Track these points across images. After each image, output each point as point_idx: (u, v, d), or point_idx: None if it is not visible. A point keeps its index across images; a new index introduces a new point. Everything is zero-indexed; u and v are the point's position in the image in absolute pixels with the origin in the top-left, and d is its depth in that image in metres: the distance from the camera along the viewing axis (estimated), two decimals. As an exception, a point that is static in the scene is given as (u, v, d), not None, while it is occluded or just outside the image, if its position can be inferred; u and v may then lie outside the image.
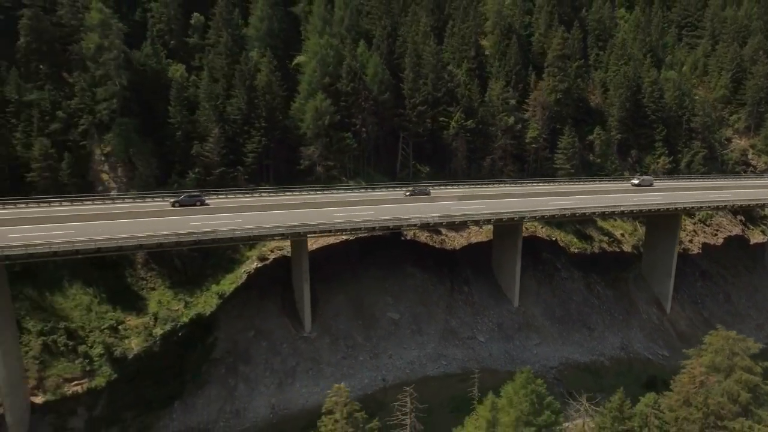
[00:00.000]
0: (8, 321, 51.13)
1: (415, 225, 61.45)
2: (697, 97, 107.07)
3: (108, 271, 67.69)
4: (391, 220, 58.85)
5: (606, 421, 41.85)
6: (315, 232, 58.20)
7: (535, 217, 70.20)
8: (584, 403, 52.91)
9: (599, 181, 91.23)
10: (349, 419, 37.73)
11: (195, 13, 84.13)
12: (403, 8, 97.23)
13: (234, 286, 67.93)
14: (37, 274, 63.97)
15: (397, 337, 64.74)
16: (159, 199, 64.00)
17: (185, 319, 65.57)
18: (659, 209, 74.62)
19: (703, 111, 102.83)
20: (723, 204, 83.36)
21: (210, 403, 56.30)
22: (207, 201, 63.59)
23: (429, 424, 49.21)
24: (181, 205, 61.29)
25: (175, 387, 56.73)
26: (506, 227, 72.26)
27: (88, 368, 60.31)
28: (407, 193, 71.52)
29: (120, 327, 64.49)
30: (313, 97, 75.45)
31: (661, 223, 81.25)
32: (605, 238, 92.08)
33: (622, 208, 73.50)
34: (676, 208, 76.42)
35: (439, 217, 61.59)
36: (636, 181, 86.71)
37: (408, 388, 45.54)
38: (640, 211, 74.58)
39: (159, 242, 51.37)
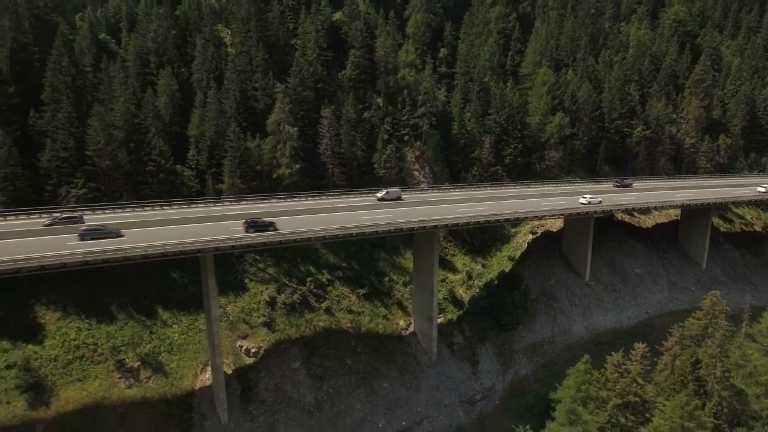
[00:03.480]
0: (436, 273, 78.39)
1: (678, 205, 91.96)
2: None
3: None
4: (653, 203, 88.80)
5: None
6: (602, 212, 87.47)
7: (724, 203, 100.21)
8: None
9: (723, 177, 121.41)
10: (713, 315, 66.52)
11: (443, 49, 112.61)
12: (574, 41, 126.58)
13: (519, 251, 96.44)
14: (383, 243, 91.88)
15: (643, 285, 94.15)
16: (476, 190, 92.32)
17: (490, 275, 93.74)
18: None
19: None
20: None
21: (543, 326, 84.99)
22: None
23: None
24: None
25: (516, 316, 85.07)
26: (695, 211, 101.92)
27: (441, 308, 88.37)
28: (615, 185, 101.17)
29: (446, 280, 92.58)
30: (553, 114, 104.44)
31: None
32: (741, 221, 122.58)
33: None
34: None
35: (688, 199, 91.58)
36: (380, 195, 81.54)
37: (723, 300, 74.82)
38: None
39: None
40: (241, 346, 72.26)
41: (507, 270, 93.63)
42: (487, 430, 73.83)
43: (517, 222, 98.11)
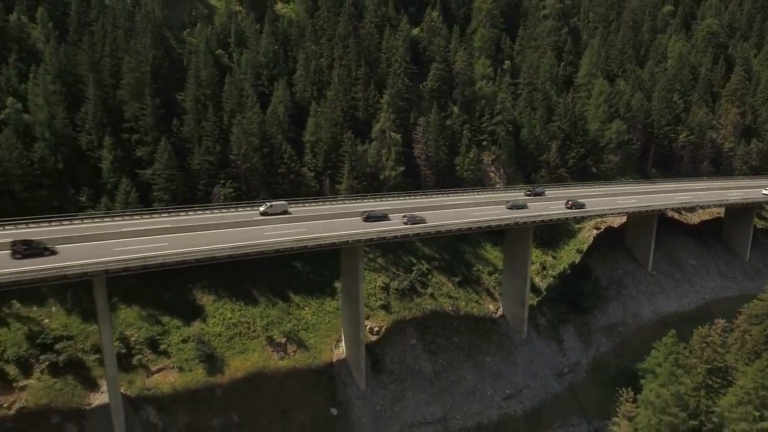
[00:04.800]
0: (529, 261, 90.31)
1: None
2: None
3: (496, 236, 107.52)
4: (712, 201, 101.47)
5: None
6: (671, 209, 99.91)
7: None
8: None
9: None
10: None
11: (507, 62, 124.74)
12: (624, 53, 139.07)
13: (585, 245, 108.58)
14: (466, 237, 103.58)
15: (697, 275, 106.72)
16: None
17: (562, 266, 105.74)
18: None
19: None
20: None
21: (615, 310, 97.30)
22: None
23: None
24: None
25: (592, 301, 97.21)
26: (738, 209, 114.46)
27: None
28: None
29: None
30: (611, 121, 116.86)
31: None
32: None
33: None
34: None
35: (741, 198, 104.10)
36: (263, 209, 75.91)
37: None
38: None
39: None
40: (365, 326, 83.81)
41: (576, 261, 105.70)
42: (578, 398, 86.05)
43: (581, 219, 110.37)
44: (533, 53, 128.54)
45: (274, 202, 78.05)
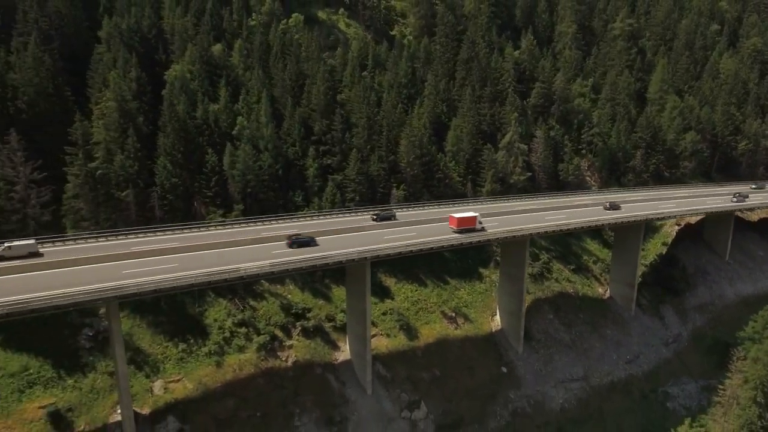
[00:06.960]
0: (639, 250, 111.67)
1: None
2: None
3: (594, 231, 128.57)
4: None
5: None
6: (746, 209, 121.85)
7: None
8: None
9: None
10: None
11: (590, 79, 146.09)
12: (688, 70, 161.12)
13: (669, 239, 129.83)
14: (571, 233, 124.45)
15: (766, 264, 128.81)
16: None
17: (650, 257, 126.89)
18: None
19: None
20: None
21: (703, 292, 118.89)
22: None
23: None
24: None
25: (682, 285, 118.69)
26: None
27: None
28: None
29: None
30: (686, 132, 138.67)
31: None
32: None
33: None
34: None
35: None
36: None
37: None
38: None
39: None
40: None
41: (663, 253, 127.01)
42: (684, 362, 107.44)
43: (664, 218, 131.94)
44: (611, 71, 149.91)
45: (14, 243, 62.00)
